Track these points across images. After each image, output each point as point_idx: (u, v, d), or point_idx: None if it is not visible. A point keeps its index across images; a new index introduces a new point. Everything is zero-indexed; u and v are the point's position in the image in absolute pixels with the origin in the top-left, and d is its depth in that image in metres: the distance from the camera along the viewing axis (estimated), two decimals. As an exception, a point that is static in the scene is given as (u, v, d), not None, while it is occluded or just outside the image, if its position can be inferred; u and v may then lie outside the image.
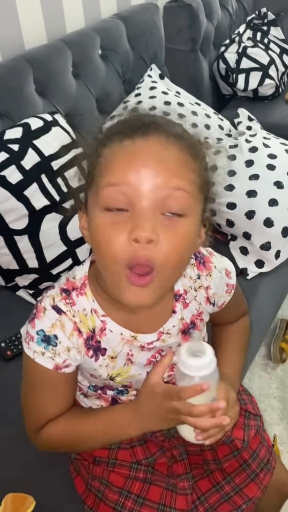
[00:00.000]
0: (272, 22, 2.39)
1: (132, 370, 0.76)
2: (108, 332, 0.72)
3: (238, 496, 0.86)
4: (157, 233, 0.58)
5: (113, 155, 0.60)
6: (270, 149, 1.50)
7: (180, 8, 2.03)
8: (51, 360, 0.70)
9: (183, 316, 0.77)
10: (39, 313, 0.70)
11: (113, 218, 0.59)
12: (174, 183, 0.58)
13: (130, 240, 0.58)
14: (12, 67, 1.37)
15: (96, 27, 1.68)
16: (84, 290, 0.71)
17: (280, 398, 1.62)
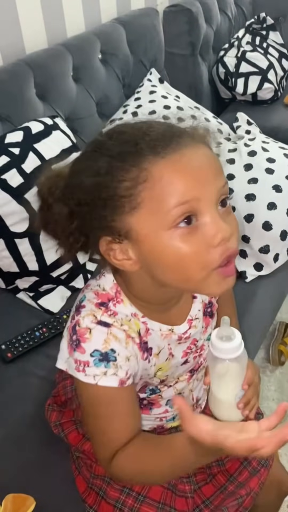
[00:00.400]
0: (271, 26, 2.40)
1: (171, 363, 0.77)
2: (151, 331, 0.73)
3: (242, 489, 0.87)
4: (229, 225, 0.61)
5: (166, 177, 0.58)
6: (269, 153, 1.51)
7: (180, 12, 2.04)
8: (115, 377, 0.67)
9: (202, 299, 0.80)
10: (84, 336, 0.66)
11: (186, 233, 0.59)
12: (224, 180, 0.62)
13: (216, 246, 0.59)
14: (13, 71, 1.38)
15: (96, 32, 1.69)
16: (120, 298, 0.70)
17: (279, 401, 1.63)
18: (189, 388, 0.85)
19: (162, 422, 0.87)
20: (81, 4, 1.72)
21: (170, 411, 0.85)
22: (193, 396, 0.88)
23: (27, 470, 0.93)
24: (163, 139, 0.59)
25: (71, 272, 1.31)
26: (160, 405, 0.84)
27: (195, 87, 2.18)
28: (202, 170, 0.59)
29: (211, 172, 0.60)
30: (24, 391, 1.07)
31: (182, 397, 0.74)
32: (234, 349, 0.67)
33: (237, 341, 0.67)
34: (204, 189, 0.59)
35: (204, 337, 0.82)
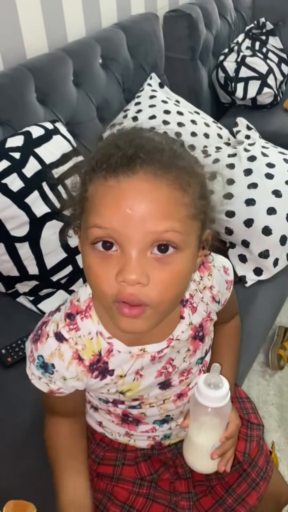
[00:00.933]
0: (271, 31, 2.41)
1: (142, 384, 0.74)
2: (115, 352, 0.71)
3: (241, 506, 0.86)
4: (147, 276, 0.56)
5: (98, 196, 0.57)
6: (269, 158, 1.51)
7: (180, 17, 2.05)
8: (46, 386, 0.72)
9: (192, 321, 0.75)
10: (42, 338, 0.70)
11: (102, 256, 0.58)
12: (163, 226, 0.55)
13: (118, 281, 0.56)
14: (13, 76, 1.38)
15: (96, 36, 1.70)
16: (89, 313, 0.70)
17: (278, 405, 1.63)
18: (178, 410, 0.82)
19: (156, 440, 0.85)
20: (82, 9, 1.73)
21: (158, 429, 0.83)
22: None
23: (27, 476, 0.93)
24: (121, 158, 0.56)
25: (71, 276, 1.31)
26: (147, 423, 0.82)
27: (195, 92, 2.19)
28: (133, 207, 0.54)
29: (142, 211, 0.54)
30: (24, 396, 1.06)
31: None
32: (219, 398, 0.66)
33: (224, 391, 0.66)
34: (128, 225, 0.55)
35: (192, 360, 0.78)
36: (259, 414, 0.99)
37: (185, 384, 0.80)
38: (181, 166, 0.58)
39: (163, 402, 0.80)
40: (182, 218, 0.57)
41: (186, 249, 0.59)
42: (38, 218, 1.22)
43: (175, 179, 0.57)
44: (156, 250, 0.57)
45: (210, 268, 0.78)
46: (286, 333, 1.79)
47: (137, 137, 0.60)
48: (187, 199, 0.58)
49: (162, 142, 0.60)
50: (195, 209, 0.60)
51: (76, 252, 1.28)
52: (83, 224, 0.61)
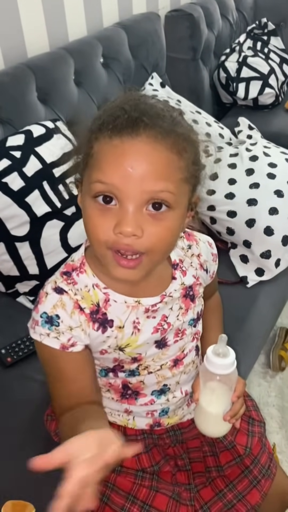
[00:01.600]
0: (272, 32, 2.41)
1: (140, 339, 0.77)
2: (112, 302, 0.74)
3: (241, 504, 0.87)
4: (142, 229, 0.62)
5: (103, 153, 0.62)
6: (271, 158, 1.51)
7: (181, 17, 2.05)
8: (57, 340, 0.72)
9: (183, 282, 0.81)
10: (42, 299, 0.73)
11: (102, 208, 0.63)
12: (160, 186, 0.62)
13: (115, 233, 0.62)
14: (14, 75, 1.38)
15: (98, 36, 1.70)
16: (83, 268, 0.75)
17: (279, 407, 1.62)
18: (175, 380, 0.85)
19: (154, 416, 0.86)
20: (83, 8, 1.73)
21: (156, 401, 0.85)
22: (182, 389, 0.87)
23: (27, 476, 0.92)
24: (126, 121, 0.61)
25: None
26: (145, 394, 0.84)
27: (196, 92, 2.18)
28: (134, 166, 0.60)
29: (142, 171, 0.60)
30: (24, 396, 1.06)
31: None
32: (228, 365, 0.72)
33: (231, 358, 0.72)
34: (127, 183, 0.61)
35: (185, 319, 0.82)
36: (260, 412, 1.00)
37: (179, 349, 0.83)
38: (179, 132, 0.64)
39: (160, 367, 0.82)
40: (177, 180, 0.64)
41: (177, 208, 0.65)
42: (38, 218, 1.21)
43: (173, 144, 0.63)
44: (151, 207, 0.63)
45: (197, 240, 0.86)
46: (287, 334, 1.79)
47: (141, 102, 0.65)
48: (182, 163, 0.64)
49: (164, 109, 0.65)
50: (188, 173, 0.66)
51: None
52: (86, 179, 0.66)
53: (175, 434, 0.89)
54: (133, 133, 0.61)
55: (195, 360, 0.87)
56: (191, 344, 0.85)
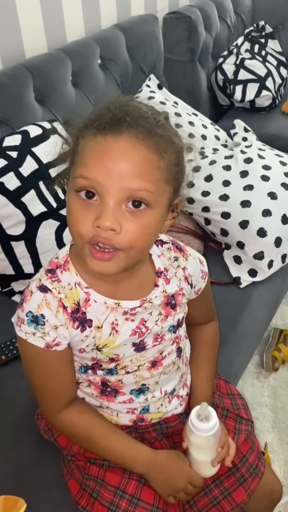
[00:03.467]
0: (270, 35, 2.42)
1: (117, 340, 0.79)
2: (92, 302, 0.76)
3: (226, 501, 0.88)
4: (120, 224, 0.64)
5: (87, 150, 0.65)
6: (265, 160, 1.52)
7: (179, 19, 2.06)
8: (42, 339, 0.74)
9: (166, 290, 0.82)
10: (27, 297, 0.75)
11: (84, 203, 0.66)
12: (138, 185, 0.64)
13: (94, 226, 0.65)
14: (12, 75, 1.39)
15: (96, 37, 1.70)
16: (67, 266, 0.76)
17: (272, 407, 1.63)
18: (154, 380, 0.86)
19: (135, 414, 0.88)
20: (81, 10, 1.74)
21: (135, 400, 0.86)
22: (162, 389, 0.88)
23: (18, 472, 0.94)
24: (110, 120, 0.64)
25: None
26: (124, 393, 0.86)
27: (194, 94, 2.19)
28: (115, 163, 0.63)
29: (122, 169, 0.63)
30: (17, 393, 1.07)
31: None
32: (210, 428, 0.79)
33: (213, 421, 0.79)
34: (108, 179, 0.63)
35: (164, 325, 0.83)
36: (249, 411, 1.01)
37: (158, 352, 0.85)
38: (160, 134, 0.66)
39: (138, 368, 0.83)
40: (156, 180, 0.66)
41: (156, 207, 0.67)
42: (34, 217, 1.22)
43: (154, 145, 0.65)
44: (130, 204, 0.65)
45: (187, 255, 0.88)
46: (281, 335, 1.80)
47: (127, 104, 0.67)
48: (162, 164, 0.66)
49: (148, 112, 0.68)
50: (169, 174, 0.68)
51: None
52: (71, 174, 0.69)
53: (161, 428, 0.91)
54: (116, 132, 0.63)
55: (176, 362, 0.89)
56: (171, 347, 0.87)
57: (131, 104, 0.68)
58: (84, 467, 0.87)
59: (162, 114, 0.70)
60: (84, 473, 0.87)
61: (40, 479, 0.93)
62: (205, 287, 0.91)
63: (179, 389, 0.92)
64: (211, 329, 1.00)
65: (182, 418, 0.93)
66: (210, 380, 0.97)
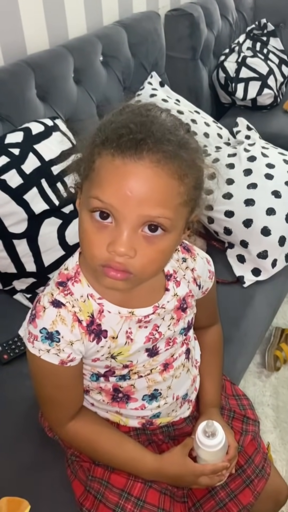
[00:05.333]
0: (272, 32, 2.42)
1: (132, 348, 0.78)
2: (106, 313, 0.75)
3: (233, 503, 0.87)
4: (135, 250, 0.62)
5: (103, 171, 0.62)
6: (269, 158, 1.51)
7: (181, 17, 2.05)
8: (57, 356, 0.73)
9: (177, 293, 0.81)
10: (39, 313, 0.72)
11: (98, 225, 0.63)
12: (157, 212, 0.61)
13: (108, 250, 0.63)
14: (14, 72, 1.38)
15: (98, 34, 1.69)
16: (78, 278, 0.74)
17: (274, 406, 1.63)
18: (166, 385, 0.85)
19: (144, 419, 0.87)
20: (83, 6, 1.73)
21: (147, 406, 0.85)
22: (174, 394, 0.87)
23: (22, 473, 0.93)
24: (130, 141, 0.60)
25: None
26: (136, 399, 0.84)
27: (195, 91, 2.18)
28: (133, 190, 0.60)
29: (141, 196, 0.60)
30: (20, 393, 1.06)
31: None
32: (217, 444, 0.80)
33: (219, 437, 0.80)
34: (125, 205, 0.60)
35: (176, 329, 0.82)
36: (255, 411, 1.00)
37: (169, 354, 0.84)
38: (184, 158, 0.63)
39: (150, 372, 0.82)
40: (175, 206, 0.63)
41: (173, 231, 0.65)
42: (36, 215, 1.21)
43: (176, 170, 0.62)
44: (146, 229, 0.63)
45: (195, 255, 0.87)
46: (283, 334, 1.79)
47: (149, 120, 0.63)
48: (182, 189, 0.64)
49: (171, 129, 0.63)
50: (188, 197, 0.65)
51: (74, 250, 1.27)
52: (85, 190, 0.66)
53: (168, 430, 0.90)
54: (135, 156, 0.60)
55: (185, 364, 0.88)
56: (181, 349, 0.86)
57: (153, 119, 0.63)
58: (89, 468, 0.87)
59: (185, 127, 0.67)
60: (89, 474, 0.86)
61: (44, 480, 0.92)
62: (211, 288, 0.90)
63: (191, 393, 0.91)
64: (215, 333, 1.00)
65: (189, 421, 0.92)
66: (218, 384, 0.96)
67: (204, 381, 0.94)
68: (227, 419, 0.94)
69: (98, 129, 0.65)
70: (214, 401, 0.93)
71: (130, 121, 0.62)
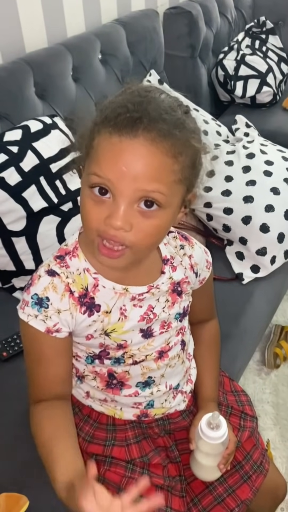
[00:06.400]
0: (271, 30, 2.41)
1: (126, 325, 0.79)
2: (101, 287, 0.77)
3: (231, 498, 0.87)
4: (130, 224, 0.65)
5: (101, 148, 0.65)
6: (267, 155, 1.51)
7: (180, 15, 2.05)
8: (43, 323, 0.74)
9: (172, 277, 0.83)
10: (34, 281, 0.75)
11: (97, 199, 0.66)
12: (152, 187, 0.64)
13: (105, 222, 0.65)
14: (12, 70, 1.38)
15: (96, 32, 1.69)
16: (76, 253, 0.77)
17: (274, 404, 1.63)
18: (160, 373, 0.86)
19: (139, 408, 0.87)
20: (82, 5, 1.73)
21: (140, 393, 0.86)
22: (167, 383, 0.88)
23: (21, 469, 0.93)
24: (127, 120, 0.62)
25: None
26: (130, 386, 0.85)
27: (194, 89, 2.18)
28: (128, 166, 0.62)
29: (136, 172, 0.62)
30: (19, 390, 1.06)
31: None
32: (220, 437, 0.80)
33: (223, 430, 0.80)
34: (122, 181, 0.63)
35: (170, 312, 0.84)
36: (253, 407, 1.00)
37: (165, 341, 0.85)
38: (178, 137, 0.65)
39: (145, 357, 0.83)
40: (169, 182, 0.65)
41: (168, 207, 0.67)
42: (35, 213, 1.21)
43: (170, 148, 0.64)
44: (142, 204, 0.65)
45: (193, 243, 0.89)
46: (283, 331, 1.79)
47: (146, 101, 0.65)
48: (176, 166, 0.65)
49: (168, 109, 0.65)
50: (182, 175, 0.67)
51: (73, 247, 1.28)
52: (86, 167, 0.69)
53: (164, 424, 0.90)
54: (131, 134, 0.62)
55: (180, 355, 0.88)
56: (176, 338, 0.87)
57: (151, 99, 0.66)
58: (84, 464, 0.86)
59: (183, 108, 0.68)
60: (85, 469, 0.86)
61: (43, 476, 0.91)
62: (208, 278, 0.91)
63: (183, 384, 0.92)
64: (212, 327, 1.00)
65: (185, 415, 0.92)
66: (216, 379, 0.97)
67: (202, 375, 0.95)
68: (224, 415, 0.95)
69: (99, 110, 0.67)
70: (212, 396, 0.93)
71: (128, 101, 0.65)
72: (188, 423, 0.91)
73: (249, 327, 1.35)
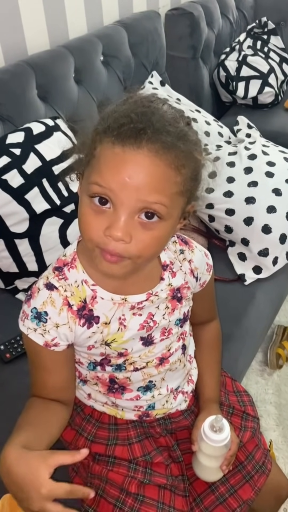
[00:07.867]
0: (272, 31, 2.41)
1: (126, 335, 0.79)
2: (99, 299, 0.76)
3: (233, 498, 0.87)
4: (130, 235, 0.64)
5: (104, 158, 0.64)
6: (269, 156, 1.51)
7: (182, 16, 2.05)
8: (42, 337, 0.75)
9: (171, 283, 0.82)
10: (34, 294, 0.76)
11: (97, 209, 0.65)
12: (154, 198, 0.63)
13: (105, 234, 0.64)
14: (15, 72, 1.38)
15: (98, 34, 1.70)
16: (74, 264, 0.77)
17: (276, 404, 1.63)
18: (160, 377, 0.86)
19: (140, 411, 0.88)
20: (84, 6, 1.73)
21: (142, 397, 0.87)
22: (168, 386, 0.88)
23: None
24: (130, 130, 0.62)
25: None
26: (131, 390, 0.86)
27: (196, 90, 2.19)
28: (131, 177, 0.62)
29: (139, 182, 0.62)
30: (22, 391, 1.06)
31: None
32: (222, 440, 0.80)
33: (226, 433, 0.80)
34: (123, 190, 0.62)
35: (171, 319, 0.83)
36: (255, 407, 1.01)
37: (165, 347, 0.85)
38: (181, 149, 0.64)
39: (146, 365, 0.83)
40: (171, 194, 0.65)
41: (169, 219, 0.67)
42: (38, 215, 1.22)
43: (173, 160, 0.63)
44: (143, 215, 0.64)
45: (193, 247, 0.88)
46: (285, 332, 1.79)
47: (150, 111, 0.64)
48: (179, 178, 0.65)
49: (172, 120, 0.65)
50: (184, 187, 0.67)
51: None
52: (86, 176, 0.68)
53: (165, 423, 0.91)
54: (135, 145, 0.62)
55: (181, 359, 0.89)
56: (177, 344, 0.87)
57: (154, 110, 0.65)
58: (88, 465, 0.87)
59: (185, 120, 0.68)
60: (88, 471, 0.87)
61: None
62: (209, 281, 0.91)
63: (183, 385, 0.92)
64: (213, 328, 1.00)
65: (186, 415, 0.93)
66: (217, 379, 0.97)
67: (204, 376, 0.95)
68: (226, 415, 0.95)
69: (101, 118, 0.67)
70: (213, 397, 0.94)
71: (131, 111, 0.64)
72: (189, 423, 0.92)
73: (251, 328, 1.35)
